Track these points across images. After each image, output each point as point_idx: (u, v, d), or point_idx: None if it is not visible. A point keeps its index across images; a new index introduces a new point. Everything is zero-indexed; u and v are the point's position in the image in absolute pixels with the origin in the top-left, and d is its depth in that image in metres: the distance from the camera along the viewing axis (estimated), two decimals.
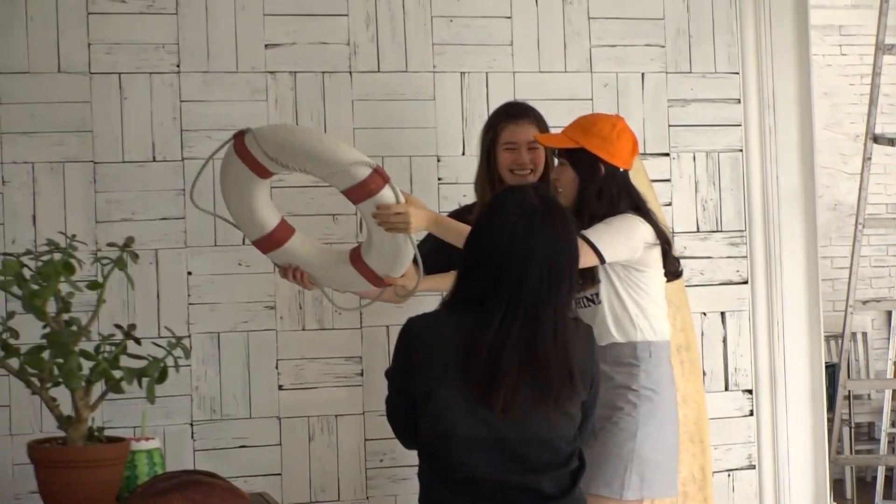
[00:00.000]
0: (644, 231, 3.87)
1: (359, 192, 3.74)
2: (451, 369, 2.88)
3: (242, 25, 4.74)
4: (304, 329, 4.75)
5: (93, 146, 4.62)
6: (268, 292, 4.73)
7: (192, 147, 4.69)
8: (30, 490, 4.49)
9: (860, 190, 5.59)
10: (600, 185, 3.91)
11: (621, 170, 3.96)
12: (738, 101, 5.20)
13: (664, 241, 3.96)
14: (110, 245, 3.23)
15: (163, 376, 2.99)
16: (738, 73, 5.20)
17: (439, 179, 4.89)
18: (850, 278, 5.72)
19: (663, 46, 5.13)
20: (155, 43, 4.68)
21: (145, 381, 2.96)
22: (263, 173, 3.84)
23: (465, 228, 3.90)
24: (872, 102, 5.51)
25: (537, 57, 5.01)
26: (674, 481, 3.95)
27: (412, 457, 4.70)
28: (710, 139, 5.17)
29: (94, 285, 3.11)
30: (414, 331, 2.99)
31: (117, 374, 3.00)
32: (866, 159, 5.50)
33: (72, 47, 4.60)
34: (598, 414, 3.86)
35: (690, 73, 5.16)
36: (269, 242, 3.99)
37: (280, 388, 4.74)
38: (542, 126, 4.22)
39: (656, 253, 3.93)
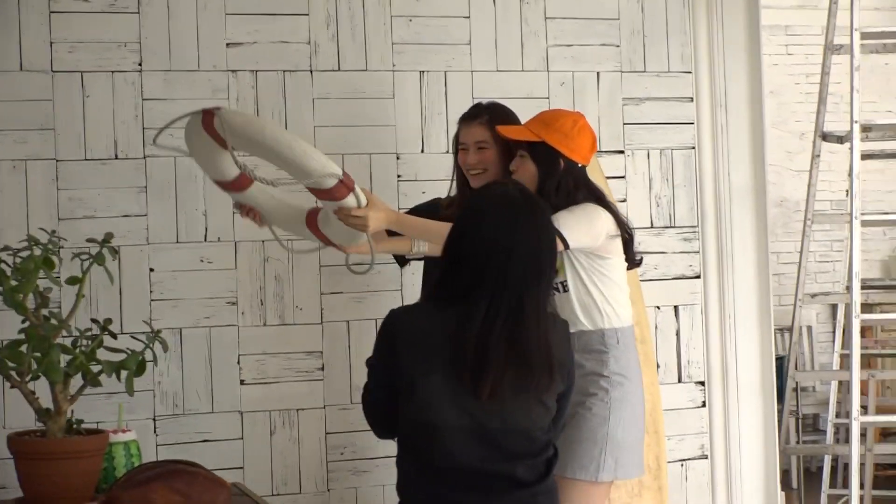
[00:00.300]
0: (606, 220, 3.97)
1: (322, 194, 3.83)
2: (436, 360, 2.93)
3: (204, 24, 4.79)
4: (265, 325, 4.81)
5: (55, 144, 4.65)
6: (229, 288, 4.79)
7: (152, 146, 4.72)
8: (1, 484, 4.54)
9: (809, 186, 5.71)
10: (559, 178, 4.01)
11: (579, 165, 4.05)
12: (691, 99, 5.31)
13: (625, 231, 4.05)
14: (90, 241, 3.28)
15: (141, 369, 3.04)
16: (690, 73, 5.31)
17: (398, 177, 4.96)
18: (798, 273, 5.83)
19: (618, 46, 5.23)
20: (117, 41, 4.71)
21: (123, 374, 3.01)
22: (227, 147, 3.89)
23: (424, 223, 4.01)
24: (821, 101, 5.63)
25: (495, 56, 5.09)
26: (641, 461, 4.06)
27: (372, 450, 4.85)
28: (663, 137, 5.27)
29: (73, 280, 3.16)
30: (398, 323, 3.04)
31: (94, 367, 3.04)
32: (815, 156, 5.61)
33: (34, 45, 4.63)
34: (575, 400, 3.96)
35: (645, 72, 5.26)
36: (229, 187, 4.05)
37: (242, 382, 4.80)
38: (498, 123, 4.27)
39: (618, 242, 4.03)
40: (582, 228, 3.90)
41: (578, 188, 4.02)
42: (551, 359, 3.00)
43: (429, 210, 4.39)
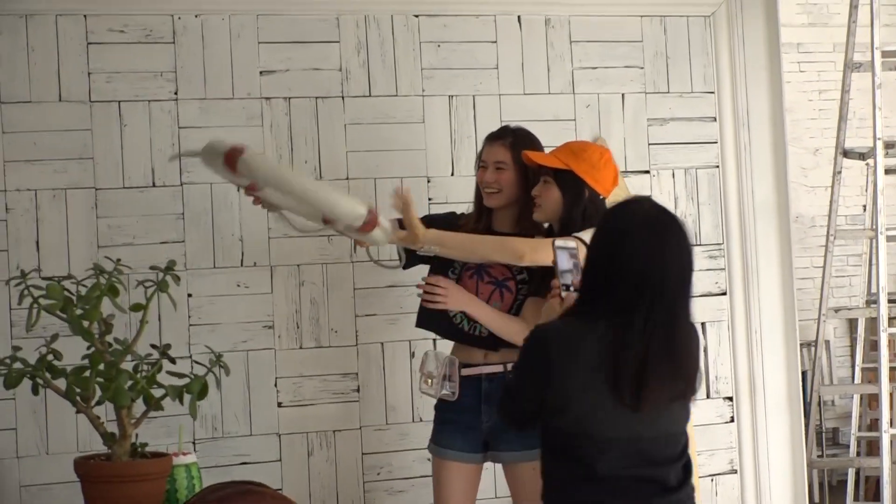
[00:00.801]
0: None
1: (351, 232, 3.95)
2: (593, 375, 2.99)
3: (238, 53, 4.88)
4: (301, 347, 4.88)
5: (94, 173, 4.73)
6: (266, 312, 4.86)
7: (190, 172, 4.81)
8: None
9: (831, 203, 5.78)
10: (584, 207, 4.10)
11: (601, 197, 4.15)
12: (714, 119, 5.39)
13: None
14: (153, 268, 3.36)
15: (203, 393, 3.11)
16: (713, 93, 5.39)
17: (429, 200, 5.04)
18: (822, 287, 5.90)
19: (642, 68, 5.31)
20: (153, 71, 4.80)
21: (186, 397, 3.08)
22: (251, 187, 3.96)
23: (469, 239, 4.15)
24: (842, 118, 5.71)
25: (522, 80, 5.17)
26: None
27: (408, 469, 4.92)
28: (687, 156, 5.36)
29: (137, 307, 3.23)
30: (550, 338, 3.07)
31: (155, 391, 3.11)
32: (836, 173, 5.69)
33: (72, 76, 4.72)
34: None
35: (668, 93, 5.34)
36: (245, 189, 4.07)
37: (279, 405, 4.87)
38: (521, 147, 4.33)
39: None
40: None
41: (597, 218, 4.09)
42: (698, 365, 3.11)
43: (446, 221, 4.46)
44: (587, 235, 3.94)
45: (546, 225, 4.29)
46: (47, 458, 4.65)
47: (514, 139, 4.33)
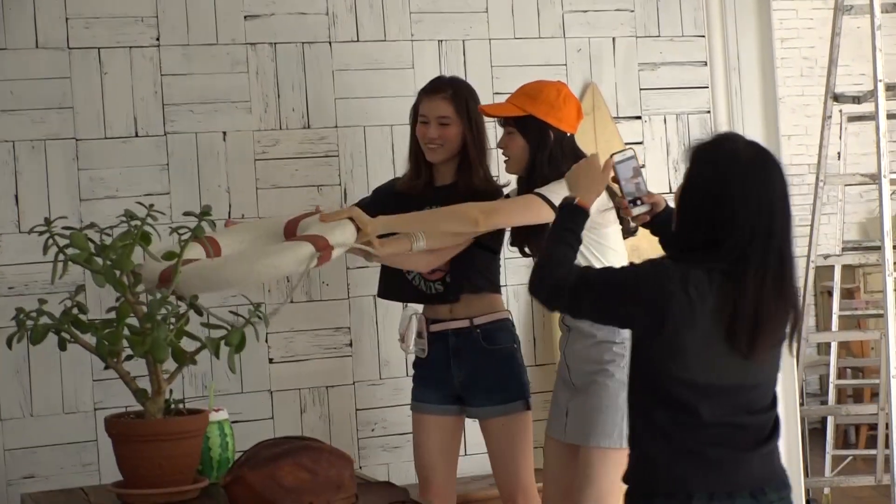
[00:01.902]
0: None
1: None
2: (710, 323, 2.87)
3: None
4: (292, 301, 4.73)
5: (74, 123, 4.54)
6: None
7: (174, 121, 4.63)
8: (22, 475, 4.44)
9: (820, 148, 5.72)
10: (550, 150, 3.98)
11: (568, 134, 4.02)
12: (705, 63, 5.30)
13: (615, 200, 4.02)
14: (187, 214, 3.20)
15: (241, 345, 2.96)
16: (703, 37, 5.30)
17: None
18: (811, 234, 5.85)
19: (632, 11, 5.20)
20: (134, 16, 4.61)
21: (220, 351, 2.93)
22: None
23: (418, 216, 3.98)
24: (832, 62, 5.64)
25: (512, 24, 5.04)
26: None
27: (403, 425, 4.81)
28: (679, 101, 5.26)
29: (170, 255, 3.07)
30: (670, 273, 2.90)
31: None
32: (826, 118, 5.62)
33: (49, 22, 4.52)
34: (587, 370, 3.94)
35: (659, 37, 5.24)
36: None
37: (270, 361, 4.72)
38: (462, 98, 4.20)
39: (612, 212, 4.00)
40: None
41: (567, 159, 3.98)
42: (801, 307, 3.02)
43: (387, 194, 4.34)
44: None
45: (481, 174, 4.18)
46: (31, 421, 4.47)
47: (453, 90, 4.21)
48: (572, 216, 3.21)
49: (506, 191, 4.22)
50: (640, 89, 5.21)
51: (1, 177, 4.46)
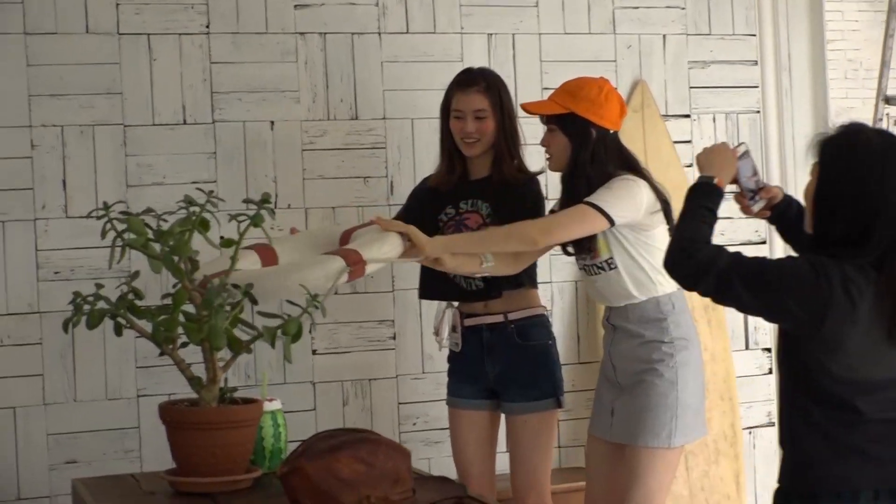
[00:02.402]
0: (645, 192, 3.90)
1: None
2: (865, 317, 2.83)
3: None
4: (336, 293, 4.70)
5: (122, 108, 4.53)
6: None
7: (222, 109, 4.61)
8: (64, 460, 4.44)
9: None
10: (593, 148, 3.93)
11: (611, 132, 3.97)
12: (756, 62, 5.25)
13: (663, 200, 3.99)
14: (246, 201, 3.19)
15: (298, 335, 2.94)
16: (755, 35, 5.25)
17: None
18: None
19: (684, 8, 5.16)
20: (184, 3, 4.59)
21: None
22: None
23: (473, 236, 3.99)
24: (884, 64, 5.58)
25: (562, 18, 5.00)
26: (705, 422, 4.00)
27: (444, 420, 4.75)
28: (728, 100, 5.22)
29: (228, 242, 3.05)
30: (831, 270, 2.84)
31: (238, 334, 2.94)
32: (877, 120, 5.57)
33: (100, 7, 4.50)
34: (634, 369, 3.90)
35: (710, 34, 5.19)
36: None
37: (314, 352, 4.70)
38: (496, 90, 4.18)
39: (660, 215, 3.97)
40: (624, 204, 3.84)
41: (611, 157, 3.94)
42: None
43: (419, 199, 4.32)
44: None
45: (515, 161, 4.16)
46: (75, 406, 4.47)
47: (487, 83, 4.17)
48: (710, 195, 3.12)
49: (540, 178, 4.19)
50: (690, 87, 5.17)
51: (49, 162, 4.45)
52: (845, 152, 2.92)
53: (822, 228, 2.94)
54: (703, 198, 3.12)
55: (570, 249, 4.03)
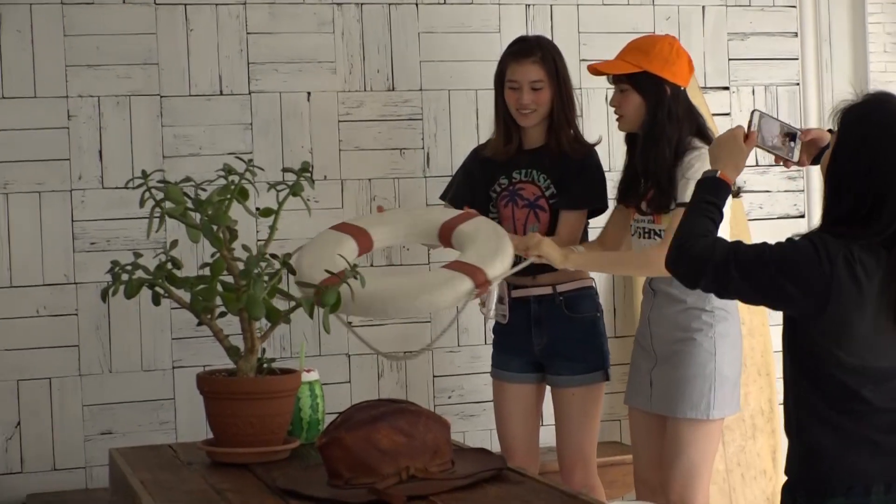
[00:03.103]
0: None
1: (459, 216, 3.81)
2: (872, 301, 2.70)
3: None
4: (372, 265, 4.69)
5: (159, 79, 4.52)
6: None
7: (258, 80, 4.60)
8: (100, 431, 4.45)
9: None
10: (668, 105, 3.88)
11: (682, 88, 3.93)
12: (796, 34, 5.20)
13: None
14: (286, 170, 3.17)
15: (337, 305, 2.92)
16: (794, 7, 5.19)
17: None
18: None
19: None
20: None
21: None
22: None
23: (606, 257, 4.04)
24: None
25: None
26: (739, 399, 3.96)
27: (479, 393, 4.77)
28: (768, 73, 5.17)
29: (266, 212, 3.04)
30: (833, 251, 2.70)
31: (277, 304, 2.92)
32: None
33: None
34: (672, 337, 3.86)
35: (749, 6, 5.14)
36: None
37: (349, 324, 4.67)
38: (552, 59, 4.13)
39: None
40: None
41: (685, 114, 3.90)
42: None
43: (473, 161, 4.29)
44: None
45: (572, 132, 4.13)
46: (110, 377, 4.47)
47: (542, 53, 4.12)
48: (713, 189, 2.99)
49: (598, 148, 4.18)
50: (729, 59, 5.12)
51: (86, 132, 4.45)
52: (863, 122, 2.78)
53: (831, 203, 2.80)
54: (705, 192, 3.00)
55: (644, 207, 3.93)
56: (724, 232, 3.86)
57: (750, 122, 3.08)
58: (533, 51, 4.12)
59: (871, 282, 2.69)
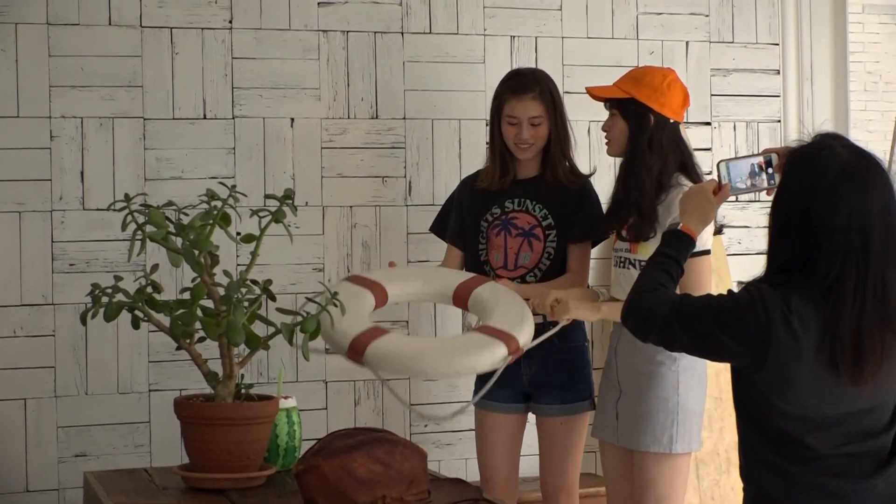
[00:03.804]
0: None
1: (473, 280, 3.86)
2: (810, 352, 2.65)
3: None
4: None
5: (143, 101, 4.52)
6: (316, 254, 4.67)
7: (242, 105, 4.60)
8: (74, 453, 4.42)
9: (889, 163, 5.64)
10: (650, 134, 3.90)
11: (672, 121, 3.94)
12: (778, 71, 5.23)
13: None
14: (269, 196, 3.17)
15: (316, 332, 2.92)
16: (777, 45, 5.23)
17: (487, 143, 4.81)
18: None
19: (707, 15, 5.14)
20: None
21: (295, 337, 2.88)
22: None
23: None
24: None
25: (585, 22, 4.99)
26: (701, 434, 3.96)
27: (455, 422, 4.74)
28: (749, 109, 5.20)
29: (248, 238, 3.04)
30: (769, 303, 2.65)
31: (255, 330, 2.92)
32: None
33: (123, 0, 4.49)
34: (637, 371, 3.86)
35: (733, 42, 5.17)
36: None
37: (326, 351, 4.65)
38: (549, 94, 4.15)
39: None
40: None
41: (670, 148, 3.91)
42: None
43: (466, 193, 4.28)
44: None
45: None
46: (86, 399, 4.46)
47: (541, 88, 4.14)
48: (674, 242, 2.98)
49: (593, 180, 4.21)
50: (712, 95, 5.15)
51: (68, 153, 4.44)
52: (804, 165, 2.71)
53: (773, 250, 2.76)
54: (665, 244, 3.00)
55: (625, 234, 3.93)
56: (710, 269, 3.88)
57: (718, 174, 3.05)
58: (531, 86, 4.13)
59: (808, 333, 2.65)
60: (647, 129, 3.89)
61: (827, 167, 2.66)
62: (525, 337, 3.58)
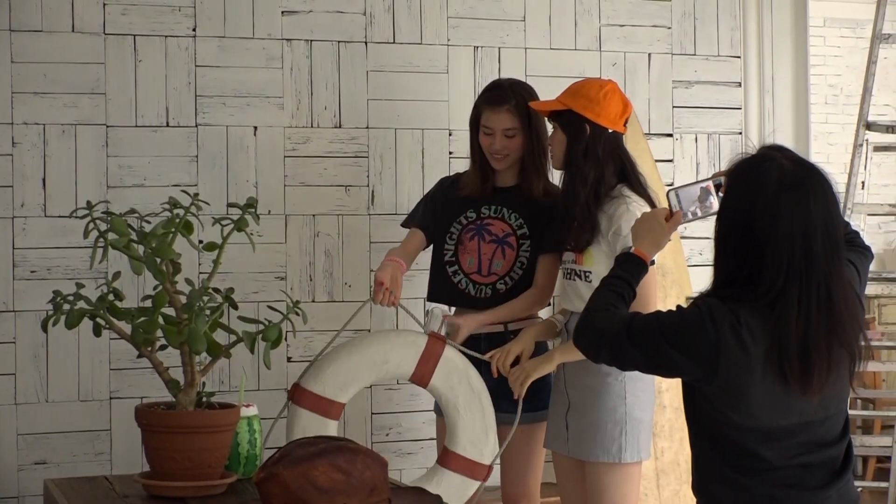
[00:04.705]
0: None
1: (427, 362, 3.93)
2: (760, 364, 2.64)
3: None
4: (313, 301, 4.70)
5: (105, 109, 4.51)
6: (279, 263, 4.68)
7: (206, 113, 4.60)
8: (34, 461, 4.41)
9: (849, 176, 5.68)
10: (586, 144, 3.91)
11: (610, 131, 3.95)
12: (739, 84, 5.27)
13: None
14: (232, 205, 3.17)
15: (278, 341, 2.92)
16: (739, 57, 5.27)
17: (450, 153, 4.88)
18: None
19: (669, 28, 5.18)
20: (171, 5, 4.59)
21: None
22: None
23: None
24: (866, 91, 5.60)
25: (549, 34, 5.01)
26: (650, 444, 3.99)
27: (417, 431, 4.76)
28: (711, 121, 5.24)
29: (211, 246, 3.04)
30: (718, 317, 2.65)
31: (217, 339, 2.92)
32: (857, 146, 5.58)
33: (87, 7, 4.50)
34: (584, 383, 3.88)
35: (695, 55, 5.21)
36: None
37: (289, 359, 4.69)
38: (525, 106, 4.17)
39: None
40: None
41: (608, 157, 3.92)
42: (860, 330, 2.72)
43: (445, 195, 4.29)
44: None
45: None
46: (46, 406, 4.44)
47: (516, 101, 4.16)
48: (626, 264, 2.99)
49: None
50: (673, 107, 5.19)
51: (30, 160, 4.43)
52: (746, 178, 2.70)
53: (718, 264, 2.75)
54: (618, 266, 3.01)
55: (570, 245, 3.95)
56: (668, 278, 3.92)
57: (669, 203, 3.05)
58: (507, 99, 4.14)
59: (758, 345, 2.65)
60: (583, 139, 3.90)
61: (769, 178, 2.65)
62: (491, 449, 3.91)
